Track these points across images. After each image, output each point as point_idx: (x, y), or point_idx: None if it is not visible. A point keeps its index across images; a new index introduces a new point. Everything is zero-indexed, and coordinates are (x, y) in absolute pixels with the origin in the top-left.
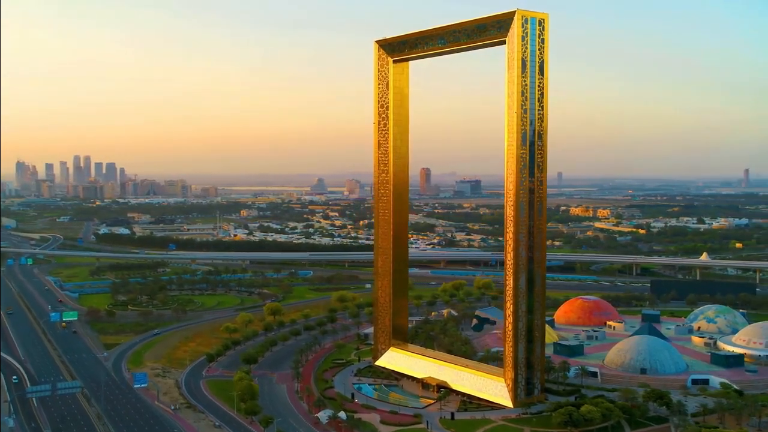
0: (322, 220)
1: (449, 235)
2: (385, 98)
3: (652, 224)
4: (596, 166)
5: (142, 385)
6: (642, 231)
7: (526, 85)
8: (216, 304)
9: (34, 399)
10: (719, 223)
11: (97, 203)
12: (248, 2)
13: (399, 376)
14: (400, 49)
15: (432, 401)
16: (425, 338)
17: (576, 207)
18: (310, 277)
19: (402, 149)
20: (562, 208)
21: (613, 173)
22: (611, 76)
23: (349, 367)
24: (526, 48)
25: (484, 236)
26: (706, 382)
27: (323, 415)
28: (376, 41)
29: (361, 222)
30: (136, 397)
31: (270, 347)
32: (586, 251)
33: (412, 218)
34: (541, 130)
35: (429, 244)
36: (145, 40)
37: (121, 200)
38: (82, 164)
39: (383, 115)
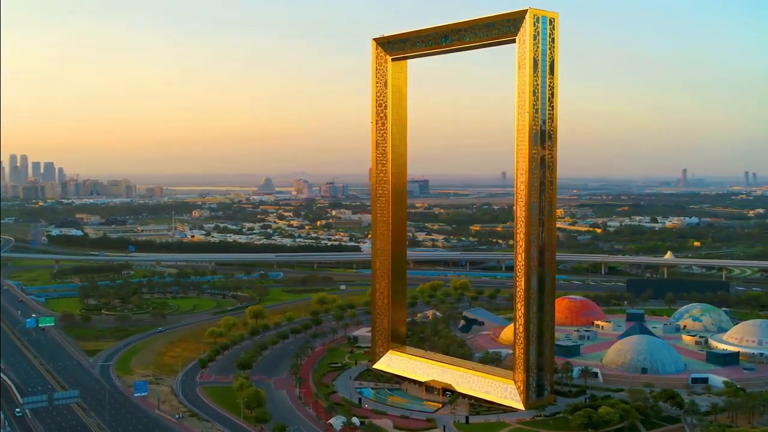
0: (278, 220)
1: (410, 235)
2: (383, 97)
3: (608, 224)
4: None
5: (143, 394)
6: (599, 230)
7: (537, 84)
8: (192, 308)
9: (27, 411)
10: (672, 222)
11: (41, 204)
12: (188, 2)
13: (400, 379)
14: (399, 47)
15: (439, 405)
16: (417, 340)
17: None
18: (283, 279)
19: (400, 149)
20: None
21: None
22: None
23: (347, 371)
24: (538, 47)
25: (445, 236)
26: (705, 380)
27: (337, 422)
28: (374, 39)
29: (318, 222)
30: (134, 406)
31: (261, 351)
32: None
33: (368, 219)
34: (551, 130)
35: None
36: (82, 36)
37: (65, 201)
38: (18, 164)
39: (381, 115)
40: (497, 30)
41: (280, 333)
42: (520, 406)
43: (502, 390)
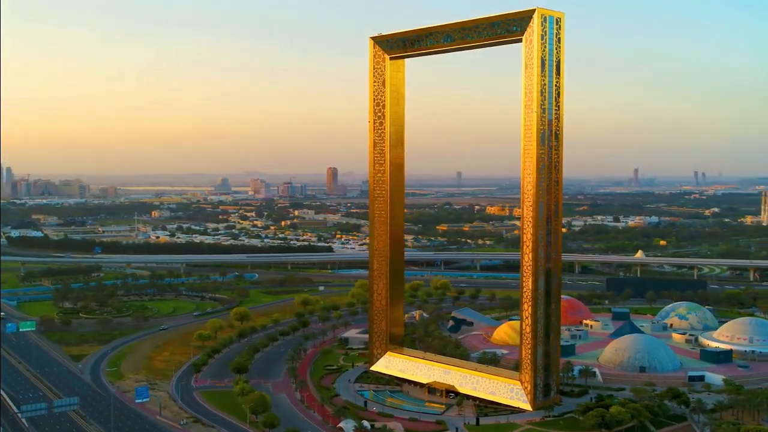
0: (241, 221)
1: None
2: (381, 96)
3: (572, 223)
4: (491, 165)
5: (144, 400)
6: (564, 230)
7: (544, 84)
8: (172, 310)
9: (24, 419)
10: (634, 221)
11: None
12: (139, 2)
13: (400, 381)
14: (398, 46)
15: (442, 406)
16: (410, 341)
17: (492, 206)
18: (260, 280)
19: (398, 149)
20: (477, 207)
21: (508, 173)
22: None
23: (344, 373)
24: (545, 47)
25: (414, 236)
26: (701, 378)
27: (348, 426)
28: (371, 37)
29: (283, 222)
30: (134, 412)
31: (253, 354)
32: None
33: (332, 219)
34: (558, 130)
35: (362, 245)
36: (32, 32)
37: (17, 201)
38: None
39: (379, 114)
40: (502, 29)
41: (268, 335)
42: (527, 406)
43: (508, 391)
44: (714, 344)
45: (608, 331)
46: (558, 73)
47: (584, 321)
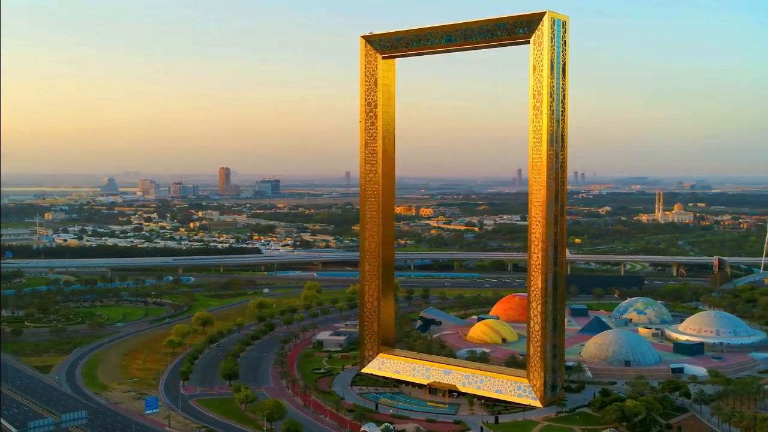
0: (147, 223)
1: (296, 235)
2: (373, 96)
3: (483, 222)
4: None
5: (154, 411)
6: (476, 229)
7: (553, 86)
8: (122, 317)
9: None
10: None
11: None
12: None
13: (397, 382)
14: (392, 45)
15: (445, 406)
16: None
17: (397, 206)
18: (202, 284)
19: (389, 149)
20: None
21: (399, 172)
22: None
23: (336, 376)
24: (554, 49)
25: (335, 237)
26: (681, 370)
27: (373, 429)
28: (362, 36)
29: (192, 224)
30: (139, 425)
31: (235, 360)
32: (448, 249)
33: (241, 220)
34: (563, 131)
35: (284, 246)
36: None
37: None
38: None
39: (370, 114)
40: (507, 31)
41: (242, 340)
42: (537, 404)
43: (515, 389)
44: (683, 337)
45: (573, 327)
46: (564, 75)
47: None
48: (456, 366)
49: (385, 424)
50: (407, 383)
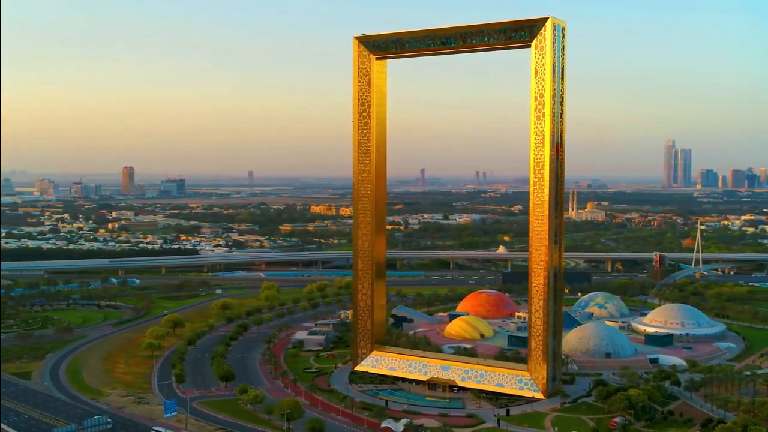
0: (63, 224)
1: (225, 235)
2: (366, 96)
3: (408, 221)
4: (281, 165)
5: (172, 414)
6: (402, 227)
7: (554, 90)
8: (82, 322)
9: None
10: (463, 219)
11: None
12: None
13: (393, 379)
14: (387, 46)
15: (447, 400)
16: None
17: (317, 206)
18: (153, 285)
19: (382, 148)
20: (297, 206)
21: (300, 173)
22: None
23: (330, 375)
24: (554, 54)
25: (266, 237)
26: (656, 360)
27: (398, 427)
28: (355, 37)
29: (110, 225)
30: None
31: (224, 360)
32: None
33: (159, 221)
34: (562, 133)
35: (216, 246)
36: None
37: None
38: None
39: (364, 114)
40: (508, 36)
41: (215, 341)
42: (540, 396)
43: (516, 381)
44: (651, 330)
45: None
46: (563, 79)
47: (517, 313)
48: (453, 361)
49: (407, 420)
50: (405, 380)
